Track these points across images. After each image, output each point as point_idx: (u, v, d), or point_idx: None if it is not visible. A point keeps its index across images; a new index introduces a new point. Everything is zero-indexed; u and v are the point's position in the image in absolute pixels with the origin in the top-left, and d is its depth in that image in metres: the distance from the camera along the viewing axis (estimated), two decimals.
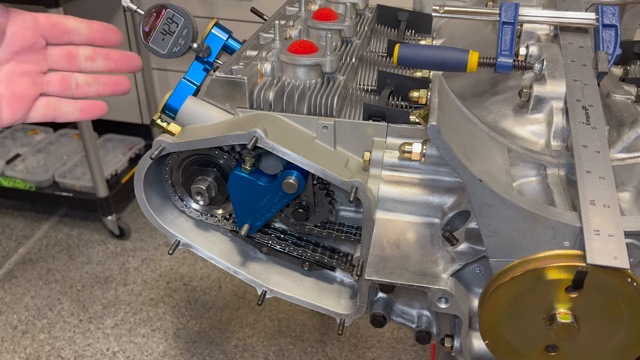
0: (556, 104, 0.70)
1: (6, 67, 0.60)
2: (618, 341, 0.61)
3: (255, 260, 0.87)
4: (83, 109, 0.66)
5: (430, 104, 0.62)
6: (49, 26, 0.62)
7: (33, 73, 0.62)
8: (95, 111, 0.67)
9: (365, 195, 0.70)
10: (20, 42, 0.60)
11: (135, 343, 1.93)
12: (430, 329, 0.80)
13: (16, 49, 0.60)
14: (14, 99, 0.60)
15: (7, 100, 0.60)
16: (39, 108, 0.63)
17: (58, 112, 0.65)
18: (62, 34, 0.64)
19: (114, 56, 0.68)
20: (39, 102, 0.63)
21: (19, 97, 0.61)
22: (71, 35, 0.64)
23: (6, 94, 0.60)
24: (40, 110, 0.63)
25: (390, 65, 0.96)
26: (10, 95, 0.60)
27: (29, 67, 0.62)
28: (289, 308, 2.06)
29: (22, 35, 0.60)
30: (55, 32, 0.63)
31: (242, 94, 0.75)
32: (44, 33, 0.62)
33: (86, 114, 0.66)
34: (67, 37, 0.64)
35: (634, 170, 0.66)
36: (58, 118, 0.65)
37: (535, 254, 0.59)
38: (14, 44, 0.60)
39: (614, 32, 0.73)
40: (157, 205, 0.84)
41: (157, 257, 2.30)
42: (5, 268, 2.23)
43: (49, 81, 0.64)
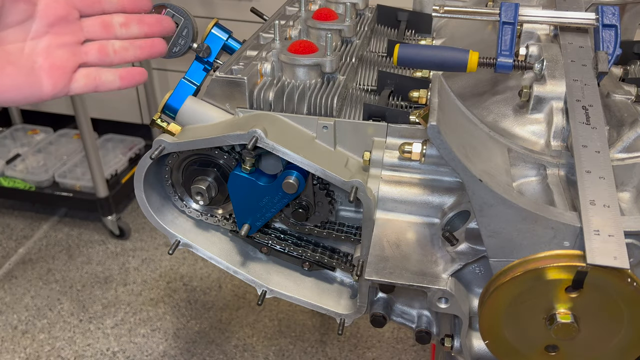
0: (556, 104, 0.70)
1: (43, 39, 0.61)
2: (618, 341, 0.61)
3: (255, 260, 0.87)
4: (123, 76, 0.66)
5: (430, 104, 0.62)
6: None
7: (71, 44, 0.63)
8: (135, 77, 0.67)
9: (365, 195, 0.70)
10: (53, 14, 0.61)
11: (135, 343, 1.93)
12: (430, 329, 0.80)
13: (50, 21, 0.61)
14: (54, 70, 0.61)
15: (47, 71, 0.60)
16: (80, 79, 0.64)
17: (99, 82, 0.65)
18: (93, 3, 0.65)
19: (147, 20, 0.68)
20: (79, 73, 0.64)
21: (58, 68, 0.61)
22: (103, 5, 0.65)
23: (46, 65, 0.60)
24: (81, 81, 0.64)
25: (390, 65, 0.96)
26: (50, 67, 0.61)
27: (66, 39, 0.62)
28: (289, 308, 2.06)
29: (54, 7, 0.61)
30: (87, 3, 0.64)
31: (242, 94, 0.75)
32: (76, 4, 0.63)
33: (126, 81, 0.67)
34: (99, 6, 0.65)
35: (634, 170, 0.66)
36: (99, 87, 0.65)
37: (535, 254, 0.59)
38: (47, 17, 0.61)
39: (614, 32, 0.73)
40: (157, 205, 0.84)
41: (157, 257, 2.30)
42: (5, 268, 2.23)
43: (87, 51, 0.64)
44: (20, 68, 0.59)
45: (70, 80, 0.63)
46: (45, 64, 0.61)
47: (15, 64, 0.59)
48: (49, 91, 0.61)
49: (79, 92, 0.64)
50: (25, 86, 0.59)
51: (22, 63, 0.59)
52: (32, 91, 0.60)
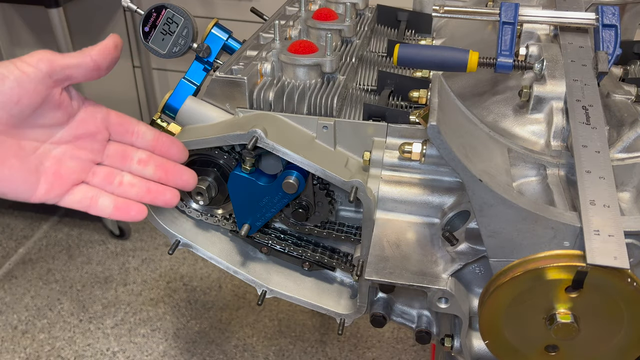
0: (556, 104, 0.70)
1: (62, 147, 0.61)
2: (618, 341, 0.61)
3: (255, 260, 0.87)
4: (118, 207, 0.64)
5: (430, 104, 0.62)
6: (117, 123, 0.64)
7: (85, 160, 0.62)
8: (130, 213, 0.64)
9: (365, 195, 0.70)
10: (84, 128, 0.61)
11: (135, 343, 1.93)
12: (430, 329, 0.80)
13: (79, 134, 0.61)
14: (55, 178, 0.60)
15: (48, 177, 0.60)
16: (77, 194, 0.62)
17: (93, 204, 0.63)
18: (127, 133, 0.64)
19: (167, 167, 0.66)
20: (78, 188, 0.62)
21: (61, 177, 0.61)
22: (135, 137, 0.65)
23: (50, 171, 0.60)
24: (77, 196, 0.62)
25: (390, 65, 0.96)
26: (53, 174, 0.60)
27: (83, 154, 0.62)
28: (289, 308, 2.06)
29: (89, 123, 0.61)
30: (121, 130, 0.64)
31: (242, 94, 0.75)
32: (110, 127, 0.63)
33: (120, 214, 0.64)
34: (130, 137, 0.65)
35: (634, 170, 0.66)
36: (91, 209, 0.63)
37: (535, 254, 0.59)
38: (78, 129, 0.61)
39: (614, 32, 0.73)
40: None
41: (157, 257, 2.30)
42: (5, 268, 2.23)
43: (95, 172, 0.63)
44: (25, 165, 0.58)
45: (66, 192, 0.62)
46: (51, 169, 0.60)
47: (22, 159, 0.58)
48: (40, 195, 0.60)
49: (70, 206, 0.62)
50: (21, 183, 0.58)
51: (29, 160, 0.58)
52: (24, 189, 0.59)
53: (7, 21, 2.54)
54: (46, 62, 0.56)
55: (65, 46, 1.96)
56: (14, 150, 0.57)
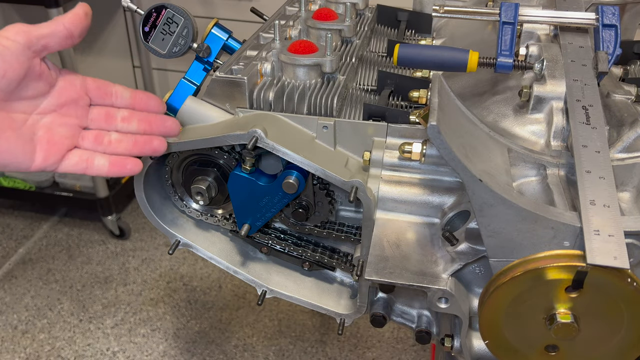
0: (556, 104, 0.70)
1: (49, 116, 0.64)
2: (618, 341, 0.61)
3: (255, 260, 0.87)
4: (113, 163, 0.67)
5: (430, 104, 0.62)
6: (95, 87, 0.67)
7: (72, 126, 0.65)
8: (126, 167, 0.67)
9: (365, 195, 0.70)
10: (65, 95, 0.64)
11: (135, 343, 1.93)
12: (430, 329, 0.80)
13: (61, 101, 0.64)
14: (49, 145, 0.63)
15: (43, 145, 0.63)
16: (72, 158, 0.66)
17: (89, 164, 0.66)
18: (105, 95, 0.67)
19: (150, 119, 0.69)
20: (72, 153, 0.66)
21: (55, 144, 0.64)
22: (114, 98, 0.68)
23: (44, 139, 0.63)
24: (72, 160, 0.65)
25: (390, 65, 0.96)
26: (46, 142, 0.63)
27: (70, 120, 0.65)
28: (289, 308, 2.06)
29: (69, 90, 0.64)
30: (100, 93, 0.67)
31: (242, 94, 0.75)
32: (90, 92, 0.66)
33: (116, 169, 0.67)
34: (109, 99, 0.68)
35: (634, 170, 0.66)
36: (88, 170, 0.66)
37: (535, 254, 0.59)
38: (60, 97, 0.64)
39: (614, 32, 0.73)
40: (157, 205, 0.84)
41: (157, 257, 2.30)
42: (5, 268, 2.23)
43: (84, 136, 0.66)
44: (20, 136, 0.61)
45: (61, 158, 0.65)
46: (44, 137, 0.63)
47: (16, 130, 0.61)
48: (39, 163, 0.63)
49: (68, 170, 0.65)
50: (19, 153, 0.61)
51: (22, 131, 0.62)
52: (23, 159, 0.62)
53: (7, 21, 2.54)
54: (23, 34, 0.58)
55: None
56: (8, 123, 0.60)
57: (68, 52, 1.98)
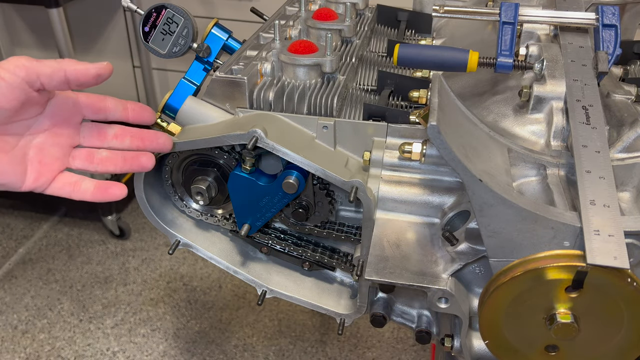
0: (556, 104, 0.70)
1: (41, 135, 0.63)
2: (618, 341, 0.61)
3: (255, 260, 0.87)
4: (97, 187, 0.67)
5: (430, 104, 0.62)
6: (88, 104, 0.66)
7: (64, 146, 0.65)
8: (109, 193, 0.67)
9: (365, 195, 0.70)
10: (59, 115, 0.64)
11: (135, 343, 1.93)
12: (430, 329, 0.80)
13: (54, 121, 0.64)
14: (40, 166, 0.63)
15: (34, 166, 0.63)
16: (60, 180, 0.65)
17: (76, 189, 0.66)
18: (99, 111, 0.66)
19: (142, 135, 0.69)
20: (61, 176, 0.66)
21: (46, 165, 0.63)
22: (107, 113, 0.67)
23: (34, 160, 0.63)
24: (60, 183, 0.65)
25: (390, 65, 0.96)
26: (38, 162, 0.63)
27: (61, 140, 0.65)
28: (289, 308, 2.06)
29: (62, 109, 0.64)
30: (93, 109, 0.66)
31: (242, 94, 0.75)
32: (82, 110, 0.66)
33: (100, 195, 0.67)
34: (103, 114, 0.67)
35: (634, 170, 0.66)
36: (74, 194, 0.66)
37: (535, 254, 0.59)
38: (53, 117, 0.63)
39: (614, 32, 0.73)
40: (157, 205, 0.84)
41: (157, 257, 2.30)
42: (5, 268, 2.23)
43: (75, 155, 0.66)
44: (12, 157, 0.61)
45: (52, 179, 0.65)
46: (35, 158, 0.63)
47: (8, 152, 0.61)
48: (29, 184, 0.63)
49: (55, 193, 0.65)
50: (11, 174, 0.61)
51: (14, 152, 0.61)
52: (14, 180, 0.62)
53: (7, 21, 2.54)
54: (23, 69, 0.58)
55: (65, 46, 1.96)
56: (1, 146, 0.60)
57: (68, 53, 1.99)
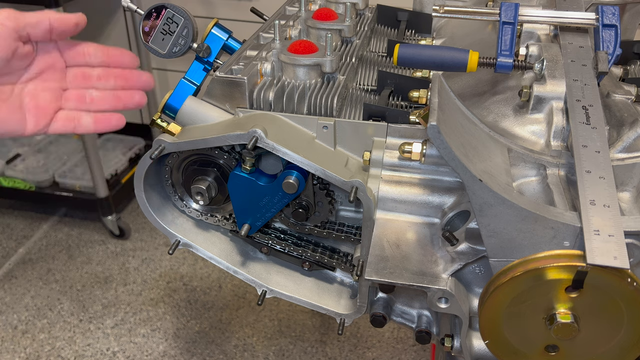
0: (556, 104, 0.70)
1: (31, 83, 0.68)
2: (618, 341, 0.61)
3: (255, 260, 0.87)
4: (99, 120, 0.71)
5: (430, 104, 0.62)
6: (69, 49, 0.70)
7: (54, 89, 0.69)
8: (111, 122, 0.72)
9: (365, 195, 0.70)
10: (44, 62, 0.68)
11: (135, 343, 1.93)
12: (430, 329, 0.80)
13: (40, 68, 0.68)
14: (37, 111, 0.68)
15: (32, 111, 0.67)
16: (59, 120, 0.70)
17: (77, 123, 0.70)
18: (78, 56, 0.70)
19: (126, 75, 0.73)
20: (59, 115, 0.70)
21: (42, 109, 0.68)
22: (87, 58, 0.71)
23: (31, 105, 0.67)
24: (59, 122, 0.70)
25: (390, 65, 0.96)
26: (34, 108, 0.67)
27: (51, 84, 0.69)
28: (289, 308, 2.06)
29: (45, 57, 0.68)
30: (72, 54, 0.70)
31: (242, 94, 0.75)
32: (64, 56, 0.70)
33: (101, 125, 0.72)
34: (83, 59, 0.71)
35: (634, 170, 0.66)
36: (77, 129, 0.71)
37: (535, 254, 0.59)
38: (39, 64, 0.68)
39: (614, 32, 0.73)
40: (157, 205, 0.84)
41: (157, 257, 2.30)
42: (5, 268, 2.23)
43: (67, 98, 0.71)
44: (10, 105, 0.66)
45: (50, 121, 0.69)
46: (31, 104, 0.67)
47: (6, 101, 0.65)
48: (31, 128, 0.68)
49: (57, 132, 0.70)
50: (12, 121, 0.66)
51: (11, 101, 0.66)
52: (16, 127, 0.67)
53: None
54: (12, 20, 0.62)
55: None
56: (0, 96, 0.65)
57: None
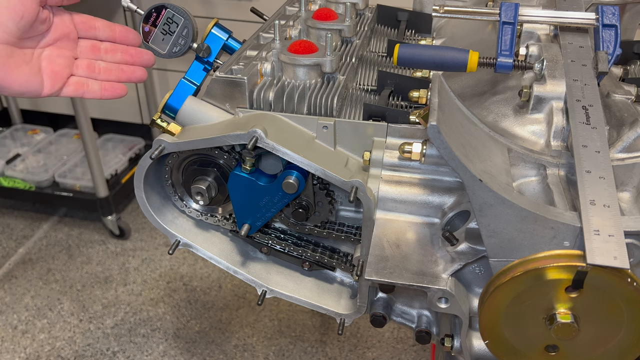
0: (556, 104, 0.70)
1: (48, 49, 0.75)
2: (618, 341, 0.61)
3: (255, 260, 0.87)
4: (105, 88, 0.79)
5: (430, 104, 0.62)
6: (81, 21, 0.78)
7: (67, 57, 0.77)
8: (116, 91, 0.80)
9: (365, 195, 0.70)
10: (60, 31, 0.75)
11: (135, 343, 1.93)
12: (430, 329, 0.80)
13: (57, 36, 0.75)
14: (53, 75, 0.75)
15: (48, 75, 0.74)
16: (71, 84, 0.77)
17: (86, 89, 0.78)
18: (89, 29, 0.78)
19: (130, 51, 0.81)
20: (71, 80, 0.77)
21: (57, 73, 0.75)
22: (97, 32, 0.79)
23: (48, 69, 0.74)
24: (71, 86, 0.77)
25: (390, 65, 0.96)
26: (51, 71, 0.75)
27: (64, 52, 0.76)
28: (289, 308, 2.06)
29: (61, 25, 0.76)
30: (85, 27, 0.78)
31: (242, 94, 0.75)
32: (77, 26, 0.77)
33: (108, 92, 0.80)
34: (93, 32, 0.79)
35: (634, 170, 0.66)
36: (86, 94, 0.78)
37: (535, 254, 0.59)
38: (55, 32, 0.75)
39: (614, 32, 0.73)
40: (157, 205, 0.84)
41: (157, 257, 2.30)
42: (5, 268, 2.23)
43: (78, 65, 0.78)
44: (31, 68, 0.73)
45: (63, 85, 0.77)
46: (48, 68, 0.75)
47: (28, 64, 0.73)
48: (47, 90, 0.75)
49: (68, 95, 0.78)
50: (32, 83, 0.73)
51: (32, 64, 0.73)
52: (36, 88, 0.74)
53: None
54: None
55: None
56: (22, 58, 0.72)
57: None
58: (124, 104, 2.66)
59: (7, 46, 0.69)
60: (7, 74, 0.70)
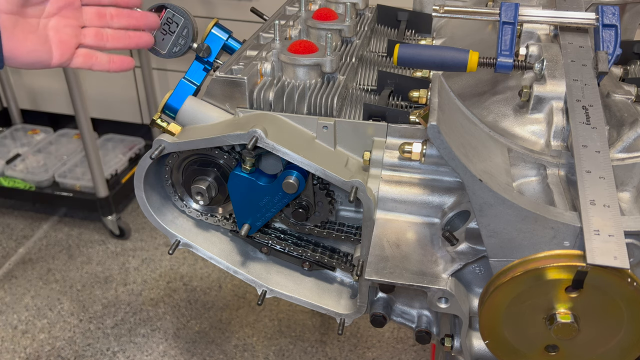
0: (556, 104, 0.70)
1: (53, 19, 0.74)
2: (618, 341, 0.61)
3: (255, 260, 0.87)
4: (113, 61, 0.79)
5: (430, 104, 0.62)
6: None
7: (74, 25, 0.76)
8: (124, 64, 0.80)
9: (365, 195, 0.70)
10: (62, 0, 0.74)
11: (135, 343, 1.93)
12: (430, 329, 0.80)
13: (60, 5, 0.74)
14: (62, 44, 0.74)
15: (57, 44, 0.74)
16: (79, 56, 0.77)
17: (95, 61, 0.78)
18: None
19: (134, 15, 0.81)
20: (79, 51, 0.77)
21: (65, 43, 0.75)
22: None
23: (55, 39, 0.74)
24: (80, 58, 0.77)
25: (390, 65, 0.96)
26: (59, 41, 0.74)
27: (70, 21, 0.76)
28: (289, 308, 2.06)
29: None
30: None
31: (242, 94, 0.75)
32: None
33: (116, 65, 0.80)
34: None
35: (634, 170, 0.66)
36: (94, 66, 0.78)
37: (535, 254, 0.59)
38: (58, 2, 0.74)
39: (614, 32, 0.73)
40: (157, 205, 0.84)
41: (157, 257, 2.30)
42: (5, 268, 2.23)
43: (86, 34, 0.77)
44: (38, 37, 0.72)
45: (72, 55, 0.76)
46: (55, 38, 0.74)
47: (34, 33, 0.72)
48: (56, 60, 0.74)
49: (78, 66, 0.77)
50: (41, 53, 0.73)
51: (39, 33, 0.73)
52: (45, 57, 0.73)
53: None
54: None
55: None
56: (28, 27, 0.71)
57: None
58: (124, 104, 2.65)
59: (11, 16, 0.69)
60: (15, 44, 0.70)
